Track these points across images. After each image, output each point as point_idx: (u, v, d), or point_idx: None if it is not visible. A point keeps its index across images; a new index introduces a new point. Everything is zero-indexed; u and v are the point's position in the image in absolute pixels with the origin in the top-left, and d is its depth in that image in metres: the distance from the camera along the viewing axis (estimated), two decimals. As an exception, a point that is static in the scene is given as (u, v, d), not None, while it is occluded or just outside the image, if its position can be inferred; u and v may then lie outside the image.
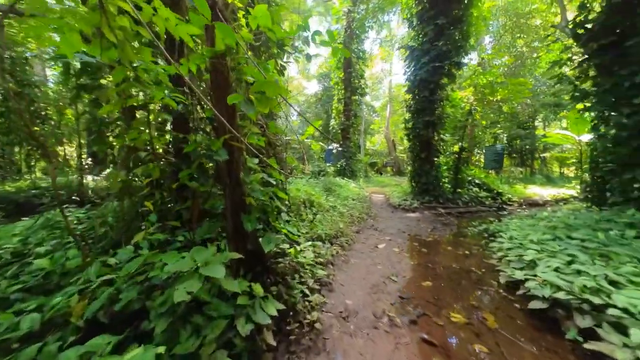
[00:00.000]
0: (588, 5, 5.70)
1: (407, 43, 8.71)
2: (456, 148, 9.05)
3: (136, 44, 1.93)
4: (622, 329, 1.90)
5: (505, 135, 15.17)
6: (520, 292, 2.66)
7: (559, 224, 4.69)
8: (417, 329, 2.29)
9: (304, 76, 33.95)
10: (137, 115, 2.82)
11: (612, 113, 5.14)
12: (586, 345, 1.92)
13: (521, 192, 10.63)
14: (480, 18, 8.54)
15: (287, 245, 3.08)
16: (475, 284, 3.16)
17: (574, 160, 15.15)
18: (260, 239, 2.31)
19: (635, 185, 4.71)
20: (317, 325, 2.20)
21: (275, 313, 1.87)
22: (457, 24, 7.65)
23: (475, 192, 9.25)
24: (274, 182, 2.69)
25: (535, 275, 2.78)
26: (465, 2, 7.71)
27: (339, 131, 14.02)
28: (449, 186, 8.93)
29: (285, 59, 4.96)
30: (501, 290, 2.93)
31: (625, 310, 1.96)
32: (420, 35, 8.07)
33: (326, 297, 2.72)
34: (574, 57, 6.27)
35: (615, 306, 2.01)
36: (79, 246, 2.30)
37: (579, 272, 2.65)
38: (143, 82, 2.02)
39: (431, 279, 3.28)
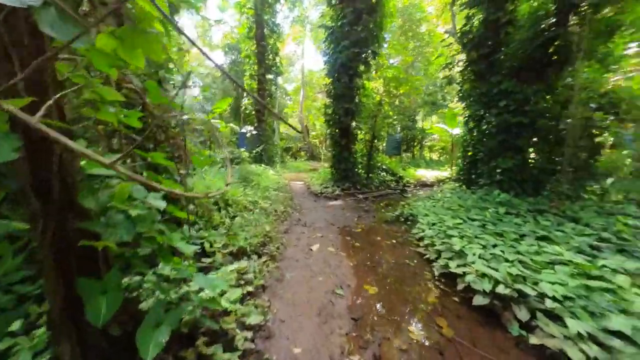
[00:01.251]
0: (472, 17, 6.66)
1: (325, 22, 8.18)
2: (367, 136, 9.53)
3: None
4: (556, 319, 2.03)
5: (399, 126, 17.67)
6: (460, 286, 2.66)
7: (454, 205, 5.44)
8: (384, 366, 1.85)
9: (206, 44, 28.83)
10: None
11: (486, 113, 6.32)
12: (532, 341, 1.95)
13: (413, 174, 12.51)
14: (388, 13, 8.92)
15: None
16: (414, 279, 3.08)
17: (444, 149, 19.19)
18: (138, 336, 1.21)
19: (498, 171, 6.01)
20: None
21: None
22: (372, 13, 7.64)
23: (383, 176, 10.15)
24: (165, 190, 1.57)
25: (465, 265, 2.88)
26: (379, -8, 7.78)
27: (253, 112, 12.47)
28: (363, 172, 9.39)
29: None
30: (440, 285, 2.93)
31: (554, 298, 2.11)
32: (340, 16, 7.66)
33: (264, 350, 1.92)
34: (460, 62, 7.38)
35: (546, 295, 2.14)
36: None
37: (498, 257, 2.89)
38: None
39: (375, 283, 2.98)
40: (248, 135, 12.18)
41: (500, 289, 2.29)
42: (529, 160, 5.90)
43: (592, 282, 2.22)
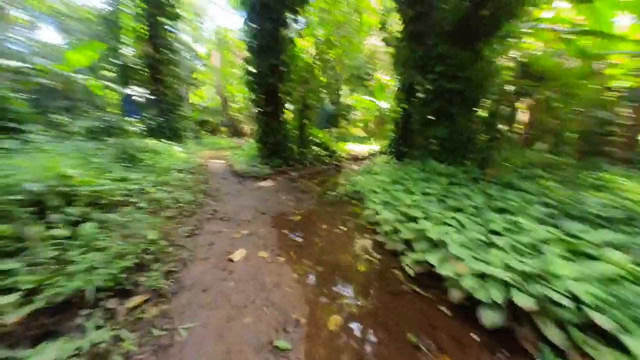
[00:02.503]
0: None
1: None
2: (298, 105, 8.17)
3: None
4: (600, 335, 1.40)
5: (328, 98, 16.92)
6: (455, 296, 1.86)
7: (397, 178, 4.94)
8: None
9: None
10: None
11: (423, 79, 5.91)
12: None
13: (343, 149, 12.08)
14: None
15: None
16: (387, 287, 2.17)
17: (367, 124, 19.72)
18: None
19: (433, 141, 5.83)
20: None
21: None
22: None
23: (317, 151, 9.18)
24: None
25: (447, 259, 2.13)
26: None
27: (145, 68, 9.04)
28: (295, 147, 8.14)
29: None
30: (421, 291, 2.10)
31: (590, 305, 1.48)
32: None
33: None
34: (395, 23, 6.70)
35: (580, 301, 1.50)
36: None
37: (480, 243, 2.25)
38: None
39: (336, 309, 1.91)
40: (139, 98, 8.84)
41: (520, 299, 1.56)
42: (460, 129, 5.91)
43: (601, 268, 1.74)
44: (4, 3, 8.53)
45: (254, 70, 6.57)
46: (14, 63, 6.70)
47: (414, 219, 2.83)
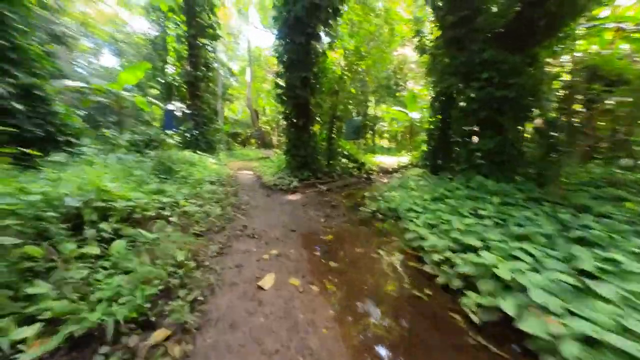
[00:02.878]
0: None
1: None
2: (325, 118, 8.01)
3: None
4: None
5: (355, 110, 16.71)
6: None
7: (439, 195, 4.43)
8: None
9: (124, 5, 22.72)
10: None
11: (465, 87, 5.41)
12: None
13: (372, 160, 11.65)
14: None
15: None
16: (448, 338, 1.75)
17: (396, 135, 19.02)
18: None
19: (478, 154, 5.24)
20: None
21: None
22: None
23: (345, 163, 8.90)
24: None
25: (527, 307, 1.66)
26: None
27: (184, 85, 9.65)
28: (323, 159, 7.95)
29: None
30: (493, 348, 1.65)
31: None
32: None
33: None
34: (431, 32, 6.35)
35: None
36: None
37: (579, 291, 1.74)
38: None
39: (387, 362, 1.55)
40: (178, 113, 9.40)
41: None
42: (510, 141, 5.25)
43: None
44: (76, 34, 9.74)
45: (285, 84, 6.59)
46: (76, 84, 7.49)
47: (472, 249, 2.37)
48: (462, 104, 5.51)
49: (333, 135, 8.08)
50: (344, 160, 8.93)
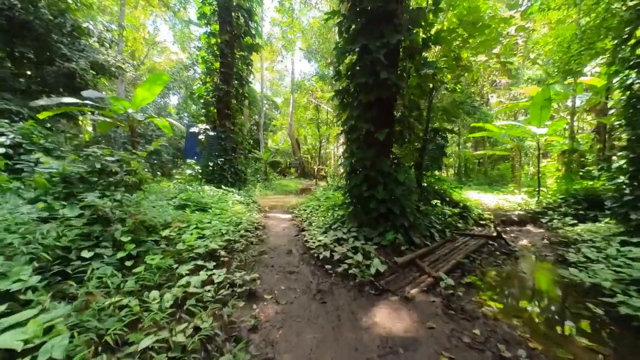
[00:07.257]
0: None
1: None
2: (418, 133, 4.60)
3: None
4: None
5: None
6: None
7: None
8: None
9: (184, 50, 24.13)
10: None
11: None
12: None
13: (467, 200, 7.58)
14: None
15: None
16: None
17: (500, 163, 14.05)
18: None
19: None
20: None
21: None
22: None
23: (440, 208, 5.16)
24: None
25: None
26: None
27: (212, 102, 7.40)
28: (411, 202, 4.38)
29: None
30: None
31: None
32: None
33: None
34: None
35: None
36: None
37: None
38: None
39: None
40: (201, 137, 7.02)
41: None
42: None
43: None
44: (123, 65, 8.60)
45: (351, 69, 3.50)
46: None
47: None
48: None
49: (426, 163, 4.58)
50: (437, 203, 5.22)
